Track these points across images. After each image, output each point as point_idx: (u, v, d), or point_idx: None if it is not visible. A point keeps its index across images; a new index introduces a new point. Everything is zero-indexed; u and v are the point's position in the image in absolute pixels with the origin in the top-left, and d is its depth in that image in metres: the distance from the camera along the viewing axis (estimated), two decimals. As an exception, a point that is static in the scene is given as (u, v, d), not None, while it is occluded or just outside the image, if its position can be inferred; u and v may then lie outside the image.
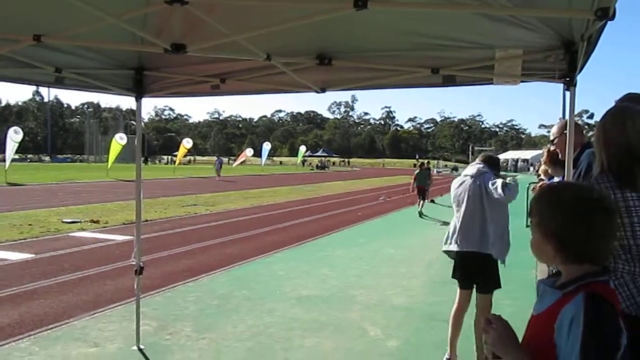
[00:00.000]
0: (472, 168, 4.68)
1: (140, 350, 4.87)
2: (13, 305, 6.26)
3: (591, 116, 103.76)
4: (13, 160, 33.78)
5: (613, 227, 1.45)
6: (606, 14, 2.08)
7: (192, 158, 76.20)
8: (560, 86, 3.31)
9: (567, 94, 3.16)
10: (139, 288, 4.90)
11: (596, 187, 2.01)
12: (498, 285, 4.48)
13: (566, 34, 2.92)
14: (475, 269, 4.48)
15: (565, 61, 3.08)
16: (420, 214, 16.70)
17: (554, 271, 2.80)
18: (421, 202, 17.29)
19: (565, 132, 3.44)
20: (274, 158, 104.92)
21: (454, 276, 4.62)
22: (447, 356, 4.58)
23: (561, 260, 1.47)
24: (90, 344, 5.04)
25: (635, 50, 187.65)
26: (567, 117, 3.34)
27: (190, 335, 5.32)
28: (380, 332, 5.51)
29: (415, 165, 23.00)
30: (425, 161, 22.80)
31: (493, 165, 4.67)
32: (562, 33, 2.93)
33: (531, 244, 1.55)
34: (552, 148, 4.03)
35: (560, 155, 3.82)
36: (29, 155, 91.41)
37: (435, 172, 22.79)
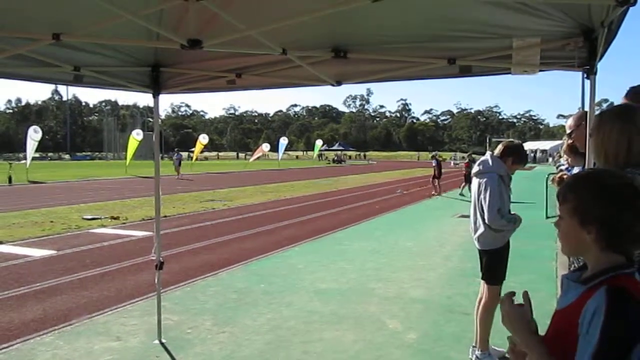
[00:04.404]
0: (478, 164, 4.55)
1: (162, 344, 4.93)
2: (37, 301, 6.38)
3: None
4: (33, 158, 34.40)
5: None
6: (627, -1, 2.03)
7: (208, 155, 76.69)
8: (578, 75, 3.25)
9: (587, 82, 3.11)
10: (160, 283, 4.97)
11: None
12: (487, 276, 4.44)
13: (585, 21, 2.86)
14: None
15: (585, 49, 3.02)
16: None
17: (574, 264, 2.76)
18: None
19: (582, 122, 3.37)
20: (290, 152, 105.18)
21: None
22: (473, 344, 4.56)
23: (599, 248, 1.42)
24: (113, 338, 5.11)
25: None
26: (586, 106, 3.28)
27: (210, 329, 5.37)
28: (399, 324, 5.50)
29: (432, 157, 24.81)
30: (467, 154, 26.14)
31: (507, 157, 4.40)
32: (581, 20, 2.87)
33: (561, 231, 1.51)
34: (569, 141, 3.95)
35: (579, 149, 3.74)
36: (49, 154, 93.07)
37: (452, 164, 23.92)
